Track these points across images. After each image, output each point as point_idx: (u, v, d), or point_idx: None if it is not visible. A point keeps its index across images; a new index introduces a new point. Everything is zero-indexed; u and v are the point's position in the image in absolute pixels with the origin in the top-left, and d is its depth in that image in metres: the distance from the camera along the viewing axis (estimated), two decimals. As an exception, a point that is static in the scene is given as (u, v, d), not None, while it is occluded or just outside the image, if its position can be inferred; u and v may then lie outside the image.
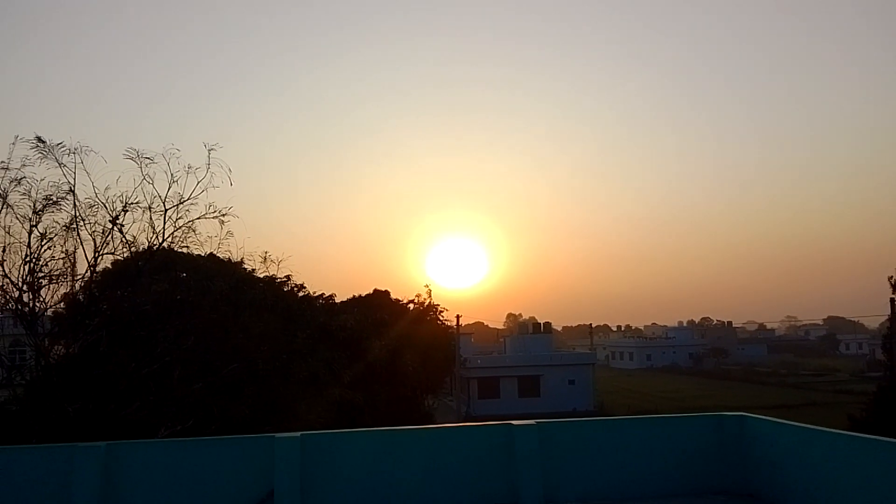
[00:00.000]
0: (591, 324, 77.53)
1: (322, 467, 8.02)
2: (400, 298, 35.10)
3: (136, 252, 11.83)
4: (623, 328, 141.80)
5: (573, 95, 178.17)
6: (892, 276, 27.13)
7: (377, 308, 29.79)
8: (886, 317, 28.06)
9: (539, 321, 61.45)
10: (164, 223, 11.50)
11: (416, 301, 35.03)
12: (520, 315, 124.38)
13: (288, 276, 21.97)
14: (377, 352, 23.07)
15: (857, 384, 52.57)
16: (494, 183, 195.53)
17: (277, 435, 7.98)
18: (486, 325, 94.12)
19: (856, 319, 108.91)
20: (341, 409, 18.11)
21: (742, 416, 8.59)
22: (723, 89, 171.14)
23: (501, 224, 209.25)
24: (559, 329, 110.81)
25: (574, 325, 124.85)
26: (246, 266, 17.18)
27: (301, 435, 7.99)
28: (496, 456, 8.25)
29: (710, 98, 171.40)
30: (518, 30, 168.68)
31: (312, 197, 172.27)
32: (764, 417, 8.51)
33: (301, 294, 23.91)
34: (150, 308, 11.46)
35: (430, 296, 35.28)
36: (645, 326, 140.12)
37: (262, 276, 17.46)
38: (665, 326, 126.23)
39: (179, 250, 12.25)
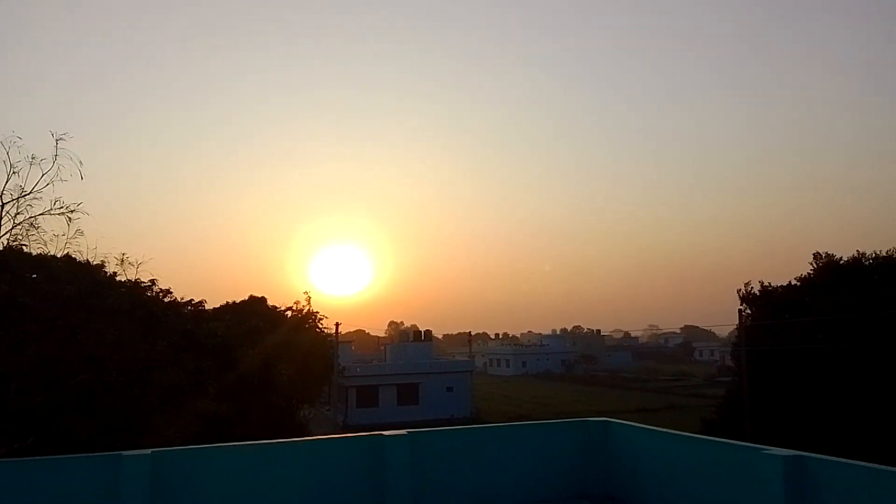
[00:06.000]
0: (469, 332, 78.72)
1: (178, 488, 7.41)
2: (277, 305, 34.02)
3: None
4: (501, 336, 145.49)
5: (460, 103, 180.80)
6: (740, 289, 29.73)
7: (252, 315, 28.62)
8: (735, 326, 30.57)
9: (420, 329, 61.74)
10: (1, 218, 10.25)
11: (294, 308, 34.05)
12: (401, 323, 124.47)
13: (153, 281, 20.60)
14: (250, 361, 22.03)
15: (709, 388, 57.05)
16: (381, 190, 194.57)
17: (125, 453, 7.28)
18: (368, 333, 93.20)
19: (709, 328, 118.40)
20: (208, 422, 17.06)
21: (606, 421, 8.92)
22: (600, 98, 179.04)
23: (387, 232, 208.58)
24: (440, 337, 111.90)
25: (454, 333, 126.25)
26: (107, 270, 15.95)
27: (151, 452, 7.33)
28: (367, 466, 8.02)
29: (589, 106, 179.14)
30: (408, 34, 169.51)
31: (192, 200, 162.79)
32: (625, 422, 8.88)
33: (167, 300, 22.49)
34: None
35: (309, 303, 34.38)
36: (521, 334, 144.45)
37: (124, 280, 16.25)
38: (540, 334, 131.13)
39: (19, 248, 10.97)
